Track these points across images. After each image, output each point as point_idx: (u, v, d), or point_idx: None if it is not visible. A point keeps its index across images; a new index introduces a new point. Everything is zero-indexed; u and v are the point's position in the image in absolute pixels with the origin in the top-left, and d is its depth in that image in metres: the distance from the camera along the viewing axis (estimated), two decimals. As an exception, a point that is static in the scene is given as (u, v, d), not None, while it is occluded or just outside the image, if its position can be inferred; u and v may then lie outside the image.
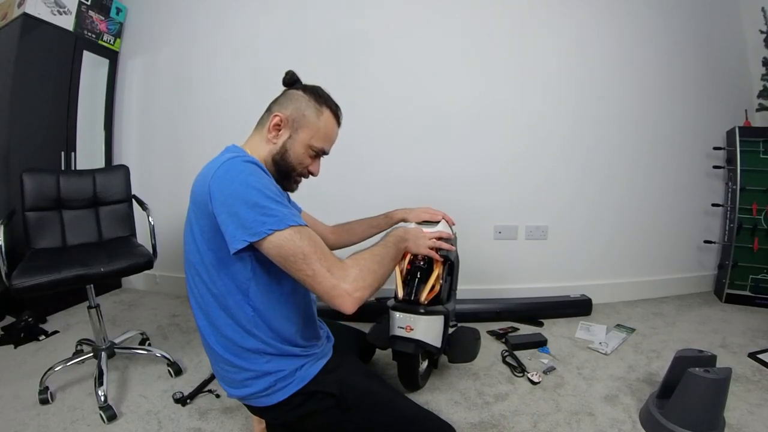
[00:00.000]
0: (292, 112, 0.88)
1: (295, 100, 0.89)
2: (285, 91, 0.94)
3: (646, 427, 1.18)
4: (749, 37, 2.27)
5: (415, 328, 1.14)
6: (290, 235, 0.71)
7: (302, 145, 0.89)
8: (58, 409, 1.30)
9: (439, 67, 2.06)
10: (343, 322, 1.25)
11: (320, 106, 0.90)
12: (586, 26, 2.06)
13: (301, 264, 0.71)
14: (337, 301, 0.72)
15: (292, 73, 0.94)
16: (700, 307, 2.13)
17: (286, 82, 0.94)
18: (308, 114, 0.88)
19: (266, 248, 0.72)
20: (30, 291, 1.20)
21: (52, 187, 1.57)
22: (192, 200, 0.82)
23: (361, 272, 0.75)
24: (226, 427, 1.22)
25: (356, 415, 0.87)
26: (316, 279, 0.71)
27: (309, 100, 0.89)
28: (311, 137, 0.89)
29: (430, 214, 1.23)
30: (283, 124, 0.88)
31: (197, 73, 2.27)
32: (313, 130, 0.89)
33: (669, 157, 2.20)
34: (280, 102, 0.91)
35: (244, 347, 0.82)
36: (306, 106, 0.89)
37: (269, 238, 0.70)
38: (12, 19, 1.92)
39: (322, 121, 0.90)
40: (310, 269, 0.71)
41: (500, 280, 2.15)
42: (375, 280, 0.78)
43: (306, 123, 0.88)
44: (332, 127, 0.93)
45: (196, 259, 0.82)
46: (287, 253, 0.71)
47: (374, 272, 0.78)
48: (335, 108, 0.93)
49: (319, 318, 1.03)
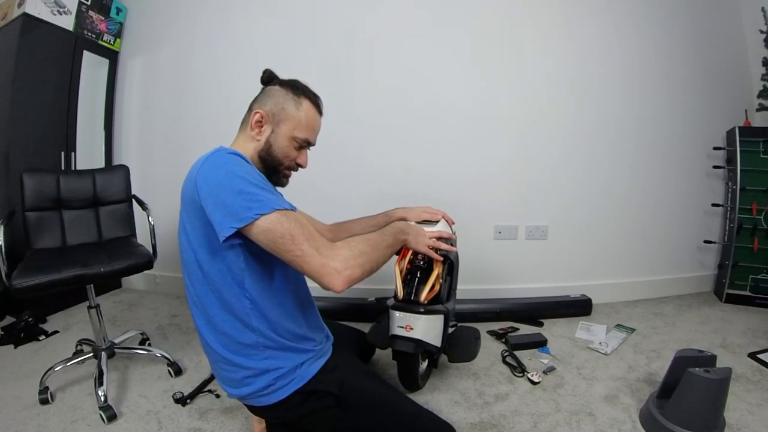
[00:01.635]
0: (272, 107, 0.90)
1: (273, 95, 0.91)
2: (263, 88, 0.95)
3: (646, 427, 1.18)
4: (749, 37, 2.27)
5: (415, 327, 1.14)
6: (277, 218, 0.72)
7: (286, 138, 0.90)
8: (58, 409, 1.30)
9: (440, 67, 2.06)
10: (343, 322, 1.25)
11: (298, 98, 0.91)
12: (586, 26, 2.06)
13: (289, 245, 0.72)
14: (327, 279, 0.72)
15: (270, 71, 0.96)
16: (700, 307, 2.13)
17: (264, 81, 0.96)
18: (287, 107, 0.90)
19: (254, 233, 0.73)
20: (30, 291, 1.20)
21: (52, 187, 1.57)
22: (182, 200, 0.83)
23: (351, 252, 0.76)
24: (226, 427, 1.22)
25: (356, 415, 0.87)
26: (305, 259, 0.72)
27: (287, 93, 0.91)
28: (293, 129, 0.90)
29: (430, 213, 1.23)
30: (265, 119, 0.89)
31: (197, 72, 2.27)
32: (295, 121, 0.90)
33: (669, 157, 2.20)
34: (259, 100, 0.93)
35: (242, 343, 0.83)
36: (284, 100, 0.90)
37: (256, 222, 0.71)
38: (12, 19, 1.92)
39: (302, 111, 0.91)
40: (298, 249, 0.72)
41: (500, 280, 2.15)
42: (367, 262, 0.78)
43: (286, 116, 0.90)
44: (313, 117, 0.93)
45: (191, 258, 0.82)
46: (275, 236, 0.72)
47: (366, 254, 0.79)
48: (314, 98, 0.94)
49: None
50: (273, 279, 0.84)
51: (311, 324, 0.95)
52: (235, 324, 0.82)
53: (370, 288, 2.05)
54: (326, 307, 1.90)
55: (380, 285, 2.02)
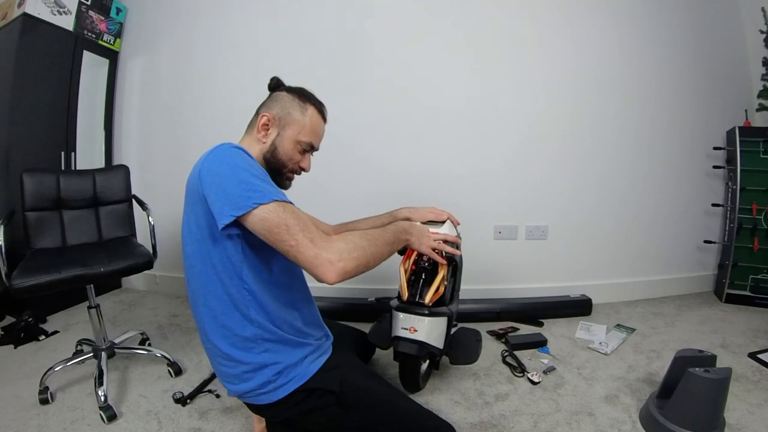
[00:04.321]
0: (279, 111, 0.93)
1: (280, 100, 0.94)
2: (270, 94, 0.98)
3: (646, 427, 1.18)
4: (749, 37, 2.27)
5: (419, 329, 1.14)
6: (274, 208, 0.74)
7: (291, 141, 0.93)
8: (58, 409, 1.30)
9: (440, 68, 2.06)
10: (344, 322, 1.25)
11: (304, 104, 0.94)
12: (585, 27, 2.06)
13: (284, 235, 0.73)
14: (320, 270, 0.73)
15: (277, 78, 1.00)
16: (700, 307, 2.13)
17: (271, 87, 1.00)
18: (293, 112, 0.93)
19: (251, 222, 0.74)
20: (30, 291, 1.20)
21: (52, 187, 1.57)
22: (186, 196, 0.85)
23: (347, 245, 0.77)
24: (226, 427, 1.22)
25: (356, 413, 0.87)
26: (299, 249, 0.73)
27: (293, 99, 0.94)
28: (298, 133, 0.93)
29: (436, 214, 1.23)
30: (271, 123, 0.92)
31: (197, 73, 2.27)
32: (300, 126, 0.93)
33: (669, 157, 2.20)
34: (266, 104, 0.96)
35: (242, 336, 0.83)
36: (291, 105, 0.93)
37: (254, 211, 0.73)
38: (12, 19, 1.92)
39: (307, 116, 0.94)
40: (293, 239, 0.73)
41: (500, 280, 2.15)
42: (363, 256, 0.78)
43: (292, 120, 0.93)
44: (318, 122, 0.96)
45: (195, 249, 0.83)
46: (271, 225, 0.73)
47: (362, 248, 0.79)
48: (319, 105, 0.97)
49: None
50: (271, 272, 0.85)
51: (310, 319, 0.96)
52: (234, 315, 0.83)
53: (370, 288, 2.06)
54: (326, 307, 1.90)
55: (381, 285, 2.02)
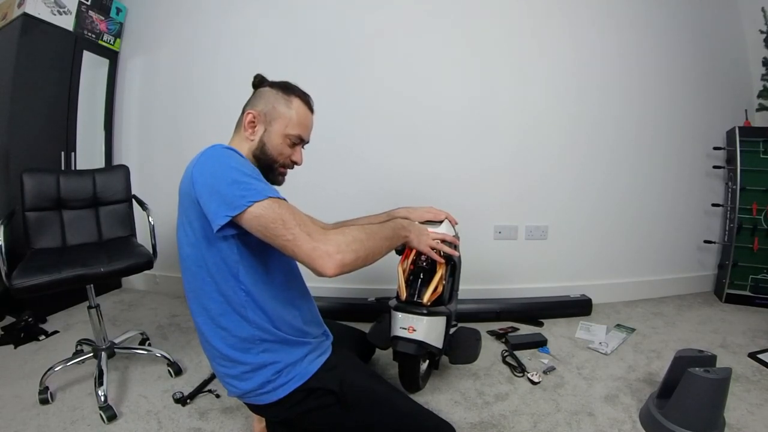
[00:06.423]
0: (263, 106, 0.92)
1: (264, 96, 0.94)
2: (255, 91, 0.98)
3: (646, 427, 1.18)
4: (749, 37, 2.27)
5: (418, 329, 1.14)
6: (269, 204, 0.73)
7: (279, 136, 0.92)
8: (58, 409, 1.30)
9: (440, 68, 2.06)
10: (343, 322, 1.25)
11: (289, 97, 0.93)
12: (585, 27, 2.06)
13: (280, 229, 0.72)
14: (318, 262, 0.72)
15: (260, 75, 0.99)
16: (700, 307, 2.13)
17: (255, 84, 0.98)
18: (278, 106, 0.92)
19: (247, 220, 0.73)
20: (30, 291, 1.20)
21: (52, 187, 1.57)
22: (179, 197, 0.85)
23: (345, 238, 0.76)
24: (226, 427, 1.22)
25: (356, 413, 0.87)
26: (296, 243, 0.72)
27: (277, 93, 0.93)
28: (285, 126, 0.92)
29: (434, 213, 1.22)
30: (257, 119, 0.92)
31: (197, 73, 2.27)
32: (286, 119, 0.92)
33: (669, 157, 2.20)
34: (251, 101, 0.96)
35: (240, 337, 0.83)
36: (275, 99, 0.92)
37: (249, 209, 0.72)
38: (12, 19, 1.92)
39: (293, 109, 0.93)
40: (290, 233, 0.72)
41: (500, 280, 2.15)
42: (361, 249, 0.78)
43: (278, 114, 0.92)
44: (304, 114, 0.95)
45: (190, 252, 0.83)
46: (266, 221, 0.73)
47: (361, 241, 0.79)
48: (304, 96, 0.96)
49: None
50: (268, 272, 0.85)
51: (308, 317, 0.96)
52: (232, 317, 0.83)
53: (370, 288, 2.06)
54: (326, 307, 1.90)
55: (380, 285, 2.02)
